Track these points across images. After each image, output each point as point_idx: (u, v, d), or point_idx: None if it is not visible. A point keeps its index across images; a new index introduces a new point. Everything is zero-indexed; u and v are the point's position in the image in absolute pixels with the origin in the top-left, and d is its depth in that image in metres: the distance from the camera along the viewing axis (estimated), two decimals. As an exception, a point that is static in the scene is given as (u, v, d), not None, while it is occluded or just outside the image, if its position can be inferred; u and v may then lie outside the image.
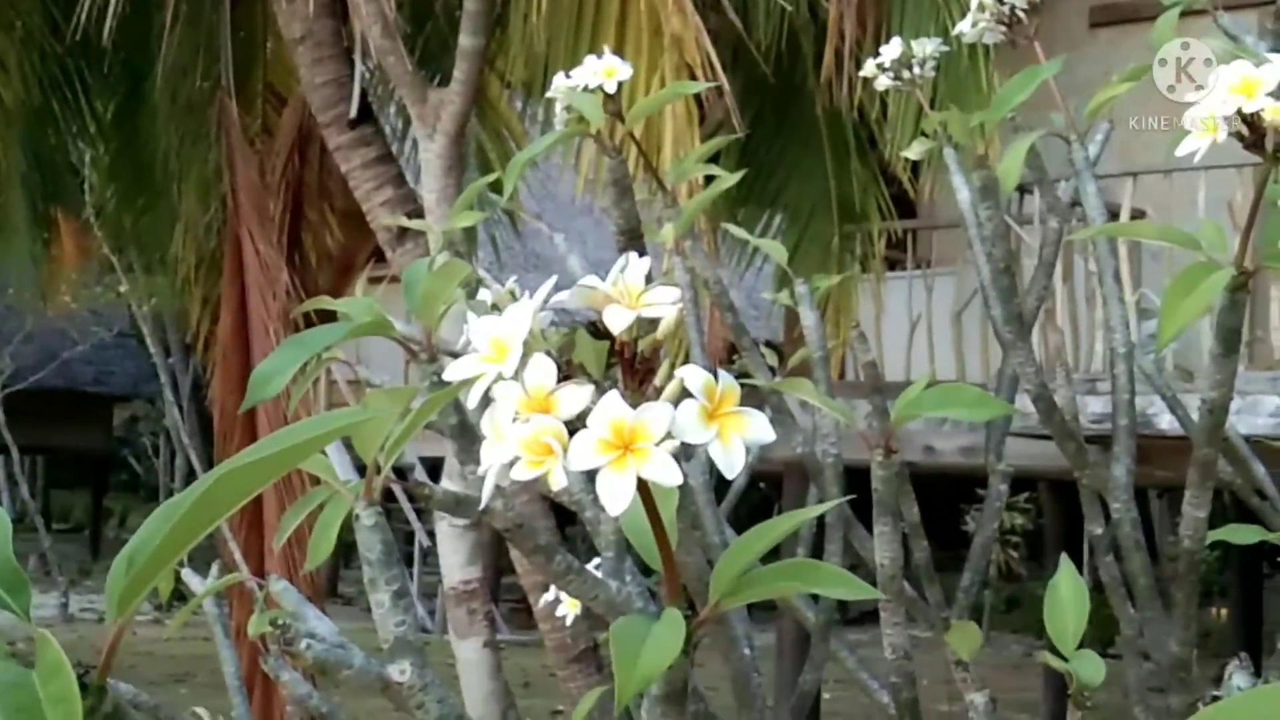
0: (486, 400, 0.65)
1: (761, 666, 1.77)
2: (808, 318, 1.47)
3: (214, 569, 1.75)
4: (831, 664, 1.75)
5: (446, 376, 0.66)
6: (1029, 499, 13.42)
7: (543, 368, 0.64)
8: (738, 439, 0.65)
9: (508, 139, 7.29)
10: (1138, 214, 6.12)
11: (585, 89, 1.49)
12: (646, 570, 1.37)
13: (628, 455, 0.63)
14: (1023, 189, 5.48)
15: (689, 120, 4.56)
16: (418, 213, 5.54)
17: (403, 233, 5.60)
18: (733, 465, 0.64)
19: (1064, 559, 0.97)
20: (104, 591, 0.66)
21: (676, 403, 0.64)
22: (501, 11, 5.70)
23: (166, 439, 20.78)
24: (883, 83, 2.12)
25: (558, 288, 0.70)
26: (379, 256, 6.45)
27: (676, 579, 0.71)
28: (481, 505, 0.68)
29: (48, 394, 18.45)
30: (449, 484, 3.52)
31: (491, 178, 2.23)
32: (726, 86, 4.32)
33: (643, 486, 0.66)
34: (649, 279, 0.69)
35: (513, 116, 7.38)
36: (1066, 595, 0.93)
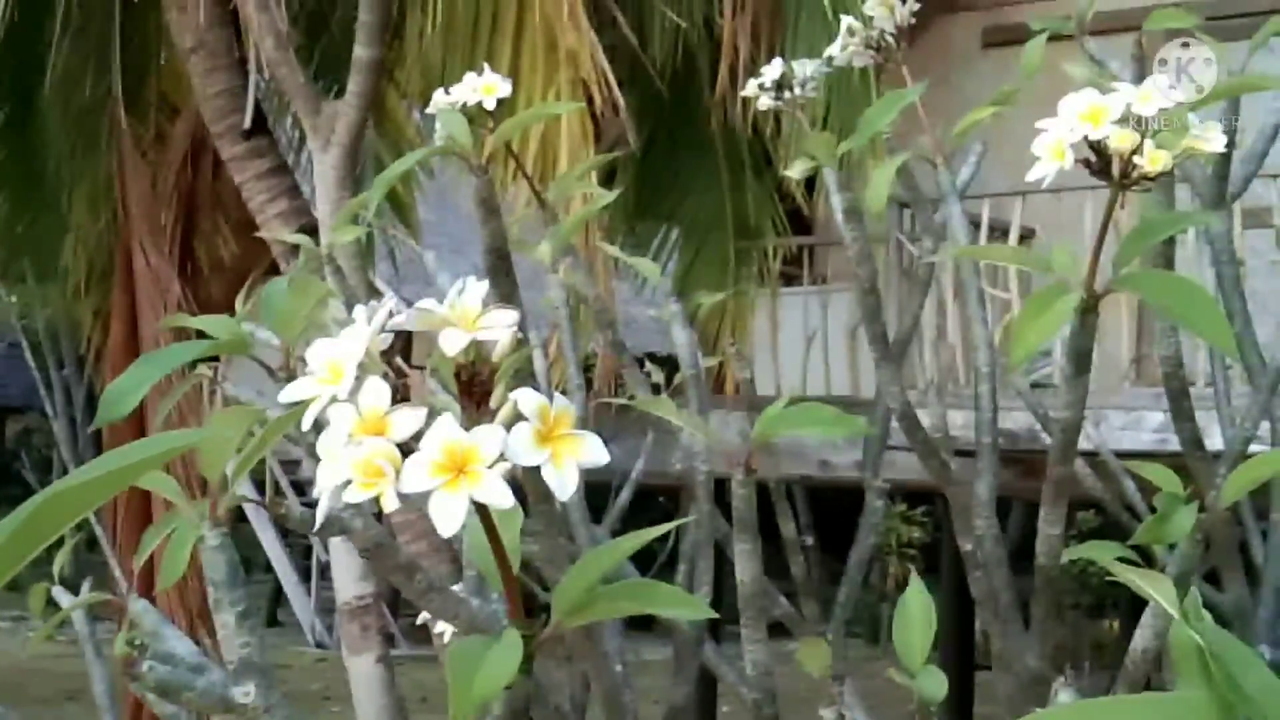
0: (322, 423, 0.66)
1: (660, 682, 1.77)
2: (679, 336, 1.48)
3: (84, 587, 1.73)
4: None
5: (282, 398, 0.66)
6: (925, 512, 13.56)
7: (377, 390, 0.65)
8: (571, 461, 0.65)
9: (405, 149, 7.26)
10: (1027, 232, 6.22)
11: (464, 105, 1.50)
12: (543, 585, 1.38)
13: (460, 478, 0.64)
14: (905, 205, 5.54)
15: (584, 137, 4.57)
16: (313, 224, 5.51)
17: (296, 246, 5.56)
18: (565, 487, 0.65)
19: (913, 577, 0.98)
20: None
21: (510, 426, 0.65)
22: (398, 23, 5.68)
23: (59, 451, 20.46)
24: (764, 103, 2.14)
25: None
26: (274, 268, 6.40)
27: (518, 598, 0.72)
28: (315, 527, 0.68)
29: (-64, 406, 18.08)
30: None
31: (366, 196, 2.23)
32: (621, 103, 4.34)
33: (482, 507, 0.66)
34: (487, 305, 0.69)
35: (410, 128, 7.35)
36: (915, 611, 0.95)
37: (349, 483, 0.64)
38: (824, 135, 1.42)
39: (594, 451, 0.66)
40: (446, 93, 1.53)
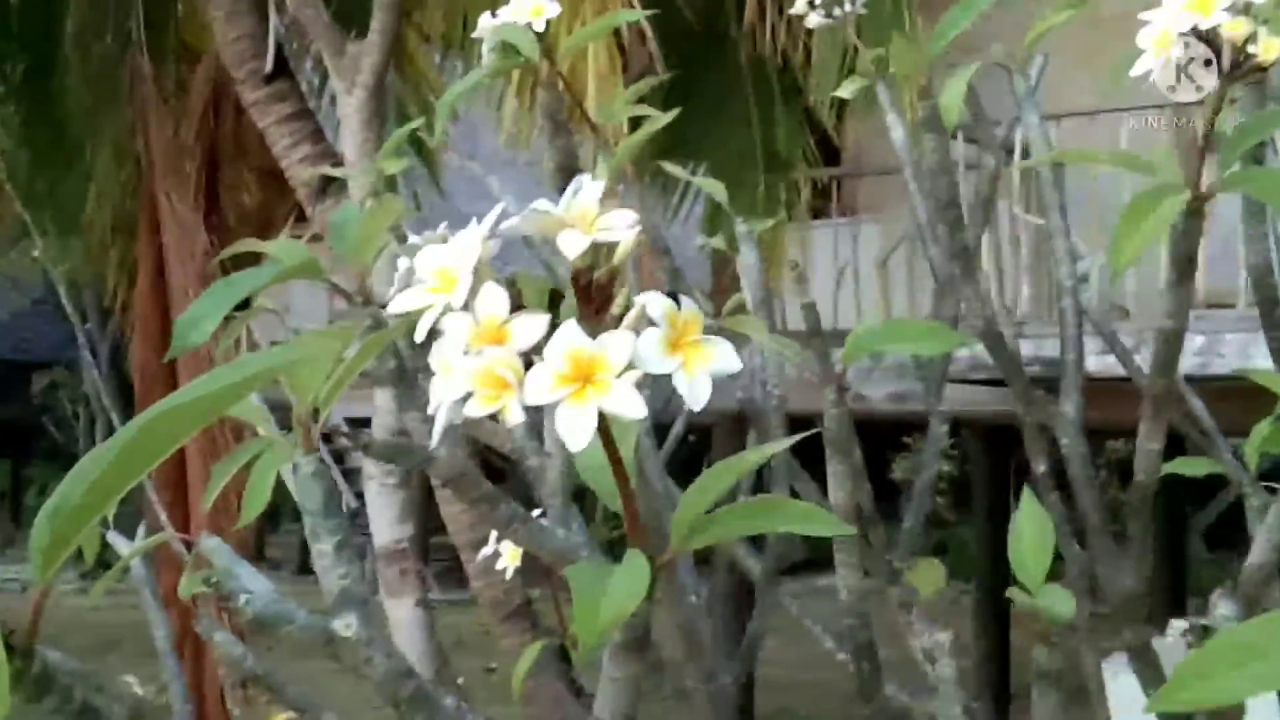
0: (433, 338, 0.61)
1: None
2: (748, 257, 1.43)
3: (140, 531, 1.70)
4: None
5: (390, 310, 0.62)
6: (952, 445, 13.53)
7: (495, 296, 0.60)
8: (703, 369, 0.61)
9: (427, 93, 7.19)
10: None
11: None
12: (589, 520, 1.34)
13: (587, 388, 0.59)
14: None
15: (612, 68, 4.51)
16: (337, 168, 5.45)
17: (322, 189, 5.50)
18: (698, 397, 0.60)
19: (1026, 493, 0.94)
20: (24, 561, 0.61)
21: (637, 332, 0.61)
22: (418, -39, 5.60)
23: (86, 405, 20.51)
24: (813, 20, 2.08)
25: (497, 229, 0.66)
26: (299, 215, 6.35)
27: (638, 518, 0.68)
28: (433, 443, 0.64)
29: (-38, 362, 18.14)
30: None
31: (417, 123, 2.17)
32: (649, 33, 4.27)
33: (600, 420, 0.62)
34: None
35: (431, 70, 7.28)
36: (1029, 531, 0.91)
37: (469, 396, 0.59)
38: (904, 41, 1.36)
39: (725, 358, 0.62)
40: (493, 15, 1.49)
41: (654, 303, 0.61)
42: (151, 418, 0.59)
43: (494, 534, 1.88)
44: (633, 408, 0.59)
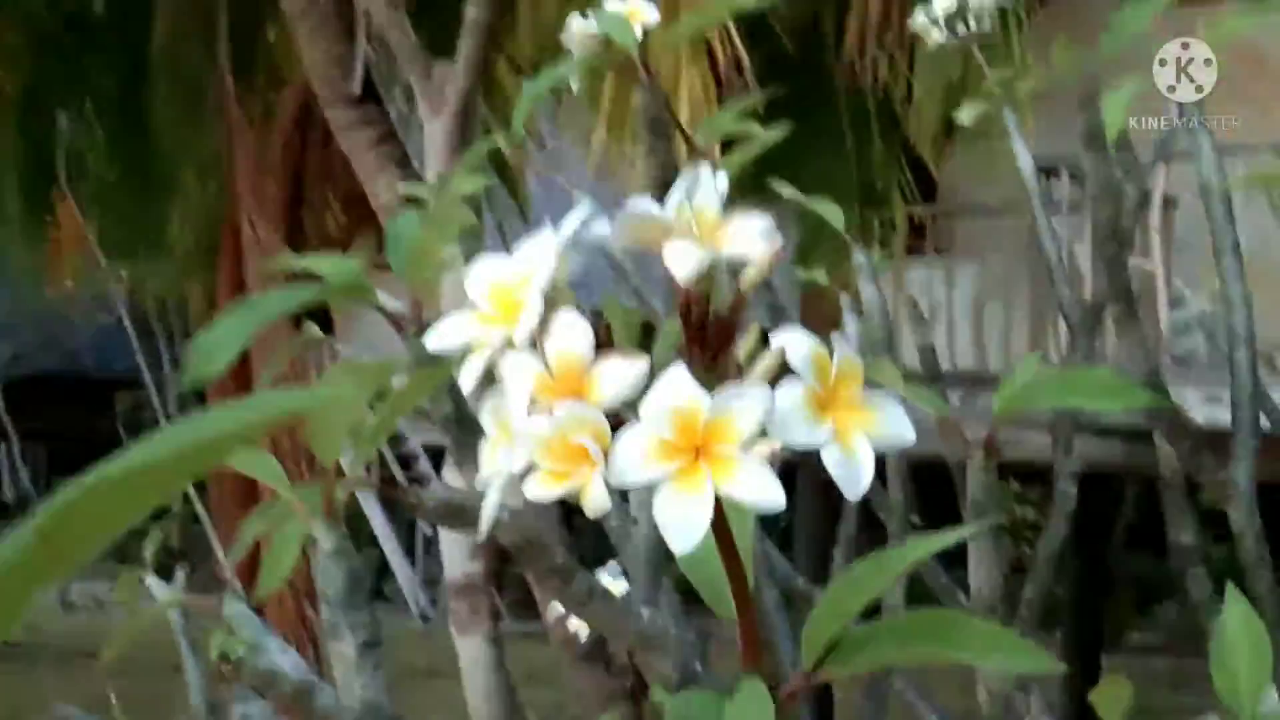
0: (489, 380, 0.44)
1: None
2: (868, 292, 1.25)
3: (178, 575, 1.54)
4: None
5: (431, 346, 0.45)
6: (1043, 494, 13.21)
7: (574, 330, 0.43)
8: (863, 440, 0.43)
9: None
10: (1169, 200, 5.88)
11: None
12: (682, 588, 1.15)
13: (700, 463, 0.42)
14: (1048, 171, 5.25)
15: (706, 96, 4.34)
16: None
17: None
18: (858, 480, 0.43)
19: (1230, 588, 0.75)
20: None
21: (773, 385, 0.43)
22: (509, -14, 5.49)
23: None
24: (935, 37, 1.93)
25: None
26: (383, 241, 6.23)
27: (758, 638, 0.50)
28: (482, 532, 0.47)
29: (50, 379, 18.23)
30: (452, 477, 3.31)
31: (498, 139, 2.01)
32: (746, 60, 4.11)
33: (715, 504, 0.45)
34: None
35: (520, 99, 7.15)
36: (1242, 642, 0.72)
37: (531, 469, 0.42)
38: (1066, 48, 1.18)
39: (895, 425, 0.44)
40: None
41: (796, 344, 0.43)
42: (104, 476, 0.41)
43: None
44: (768, 494, 0.41)
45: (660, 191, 1.08)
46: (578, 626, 1.90)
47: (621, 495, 0.98)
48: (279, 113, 7.00)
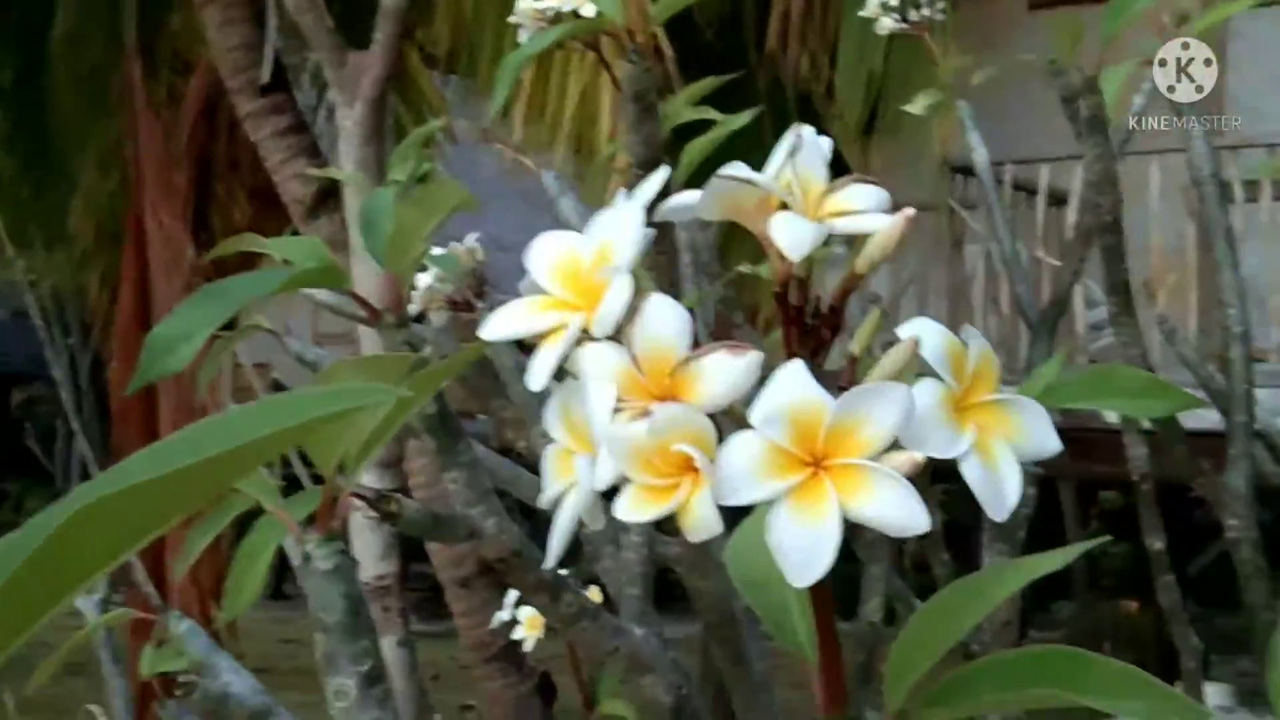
0: (560, 375, 0.37)
1: (686, 662, 1.50)
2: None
3: (100, 586, 1.45)
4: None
5: (486, 335, 0.38)
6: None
7: (669, 314, 0.36)
8: (1006, 449, 0.37)
9: (428, 115, 6.95)
10: (1061, 195, 5.85)
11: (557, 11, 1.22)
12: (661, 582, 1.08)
13: (824, 478, 0.35)
14: (966, 171, 5.24)
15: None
16: (333, 184, 5.21)
17: (315, 206, 5.26)
18: (1006, 496, 0.36)
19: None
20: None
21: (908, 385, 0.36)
22: (425, -27, 5.39)
23: (65, 421, 20.17)
24: (886, 24, 1.89)
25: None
26: (292, 234, 6.09)
27: (843, 684, 0.43)
28: (548, 562, 0.40)
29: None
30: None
31: (436, 124, 1.94)
32: (670, 52, 4.04)
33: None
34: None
35: (433, 91, 7.04)
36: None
37: (625, 484, 0.35)
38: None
39: (1040, 431, 0.37)
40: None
41: (930, 336, 0.36)
42: (96, 503, 0.34)
43: (510, 597, 1.63)
44: (908, 515, 0.34)
45: (647, 171, 1.01)
46: (502, 631, 1.82)
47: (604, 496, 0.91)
48: (185, 100, 6.83)
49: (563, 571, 0.89)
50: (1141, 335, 1.08)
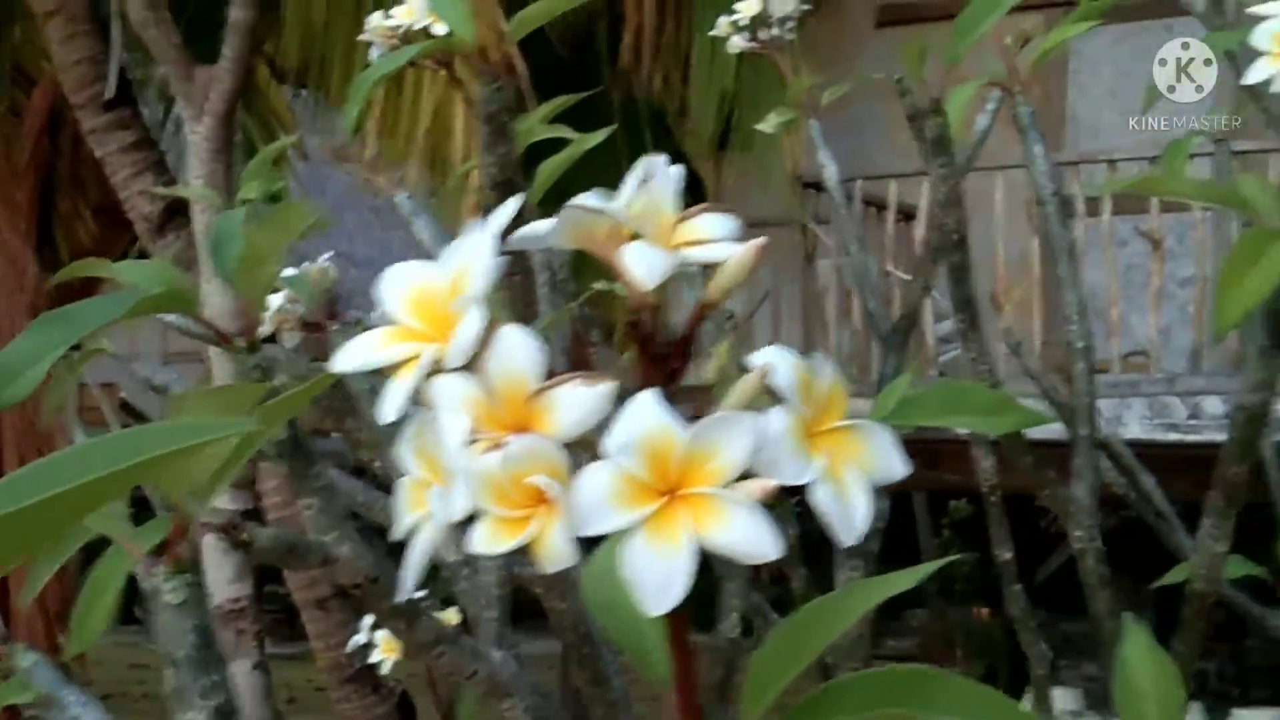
0: (412, 405, 0.37)
1: (545, 679, 1.50)
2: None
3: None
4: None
5: (338, 367, 0.37)
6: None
7: (522, 345, 0.36)
8: (856, 475, 0.37)
9: (277, 129, 6.86)
10: (908, 210, 5.95)
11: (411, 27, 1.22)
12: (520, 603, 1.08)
13: (678, 506, 0.35)
14: (817, 187, 5.30)
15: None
16: (180, 201, 5.13)
17: (163, 224, 5.17)
18: (854, 523, 0.37)
19: (1134, 627, 0.71)
20: None
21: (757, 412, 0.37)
22: (273, -13, 5.32)
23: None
24: (736, 43, 1.90)
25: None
26: (139, 253, 5.98)
27: (696, 703, 0.44)
28: (400, 595, 0.40)
29: None
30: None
31: (289, 141, 1.92)
32: (522, 68, 4.04)
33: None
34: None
35: (283, 106, 6.96)
36: (1143, 674, 0.68)
37: (474, 518, 0.35)
38: (916, 45, 1.14)
39: (887, 457, 0.38)
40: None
41: (781, 363, 0.37)
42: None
43: (366, 620, 1.62)
44: (761, 542, 0.35)
45: (501, 193, 1.01)
46: (359, 653, 1.80)
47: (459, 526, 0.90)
48: (27, 115, 6.67)
49: (420, 593, 0.89)
50: (988, 350, 1.10)
